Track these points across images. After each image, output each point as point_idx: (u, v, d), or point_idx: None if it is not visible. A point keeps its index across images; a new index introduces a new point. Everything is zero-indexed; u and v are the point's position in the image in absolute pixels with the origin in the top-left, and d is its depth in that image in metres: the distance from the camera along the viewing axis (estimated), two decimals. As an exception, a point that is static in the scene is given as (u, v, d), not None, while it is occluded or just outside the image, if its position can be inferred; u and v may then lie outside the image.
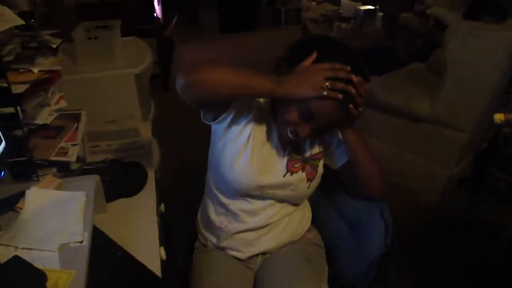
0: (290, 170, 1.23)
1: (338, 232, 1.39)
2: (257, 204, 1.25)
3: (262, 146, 1.21)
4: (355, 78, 1.03)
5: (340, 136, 1.21)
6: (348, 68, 1.03)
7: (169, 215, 1.65)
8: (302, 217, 1.36)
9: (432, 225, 2.50)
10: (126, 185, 1.37)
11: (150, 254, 1.14)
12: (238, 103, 1.17)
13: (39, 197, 1.11)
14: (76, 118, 1.51)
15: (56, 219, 1.05)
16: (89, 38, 1.88)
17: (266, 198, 1.25)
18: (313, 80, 1.02)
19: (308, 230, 1.40)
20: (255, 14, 6.23)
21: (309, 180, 1.25)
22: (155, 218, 1.26)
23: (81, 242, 0.99)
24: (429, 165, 2.57)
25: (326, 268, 1.34)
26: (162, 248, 1.22)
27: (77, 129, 1.45)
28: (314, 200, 1.42)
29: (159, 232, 1.23)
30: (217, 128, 1.23)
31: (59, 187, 1.17)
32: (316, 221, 1.44)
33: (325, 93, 1.01)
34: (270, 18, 6.50)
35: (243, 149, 1.19)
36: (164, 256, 1.22)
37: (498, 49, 2.13)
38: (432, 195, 2.62)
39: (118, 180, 1.38)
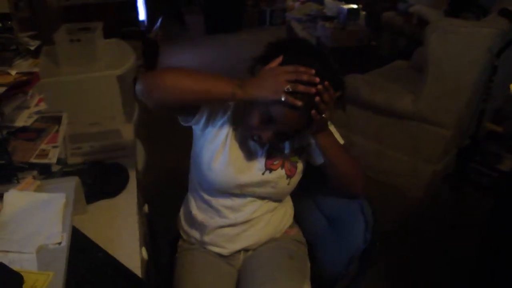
0: (269, 167, 1.23)
1: (319, 228, 1.40)
2: (238, 200, 1.26)
3: (240, 146, 1.21)
4: (319, 82, 1.00)
5: None
6: (313, 71, 1.01)
7: (154, 216, 1.65)
8: (284, 213, 1.37)
9: (417, 221, 2.52)
10: (107, 186, 1.36)
11: (131, 254, 1.14)
12: (210, 104, 1.17)
13: (18, 200, 1.09)
14: (57, 120, 1.49)
15: (35, 221, 1.04)
16: (71, 40, 1.87)
17: (246, 195, 1.25)
18: (273, 83, 1.00)
19: (290, 227, 1.41)
20: (240, 15, 6.26)
21: (289, 177, 1.26)
22: (136, 219, 1.26)
23: (59, 243, 0.98)
24: (413, 162, 2.60)
25: (309, 265, 1.35)
26: (144, 248, 1.22)
27: (58, 131, 1.44)
28: (296, 197, 1.43)
29: (140, 232, 1.22)
30: (195, 128, 1.23)
31: (38, 189, 1.16)
32: (297, 218, 1.44)
33: (283, 98, 0.99)
34: (255, 19, 6.53)
35: (221, 149, 1.19)
36: (146, 257, 1.22)
37: (478, 45, 2.16)
38: (417, 191, 2.65)
39: (99, 182, 1.37)
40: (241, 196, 1.25)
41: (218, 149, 1.19)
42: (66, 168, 1.43)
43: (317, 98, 1.02)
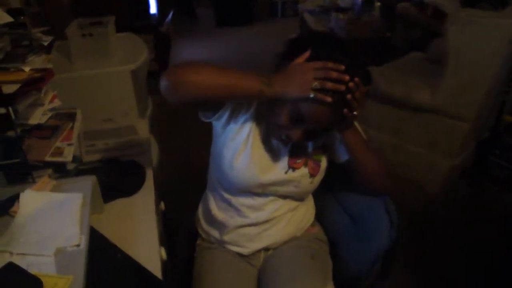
0: (292, 166, 1.19)
1: (341, 227, 1.36)
2: (259, 199, 1.23)
3: (262, 144, 1.18)
4: (350, 80, 0.96)
5: None
6: (342, 67, 0.96)
7: (171, 213, 1.63)
8: (305, 212, 1.34)
9: (435, 216, 2.47)
10: (123, 185, 1.33)
11: (151, 255, 1.11)
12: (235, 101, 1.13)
13: (34, 200, 1.07)
14: (71, 117, 1.47)
15: (52, 222, 1.02)
16: (84, 35, 1.84)
17: (268, 194, 1.22)
18: (301, 80, 0.96)
19: (312, 225, 1.38)
20: (251, 7, 6.19)
21: (312, 175, 1.22)
22: (154, 218, 1.23)
23: (78, 245, 0.96)
24: (431, 156, 2.54)
25: (331, 264, 1.31)
26: (162, 248, 1.19)
27: (72, 128, 1.42)
28: (317, 195, 1.39)
29: (159, 232, 1.20)
30: (216, 125, 1.20)
31: (54, 189, 1.14)
32: (319, 216, 1.41)
33: (312, 95, 0.95)
34: (266, 11, 6.46)
35: (243, 147, 1.15)
36: (165, 257, 1.20)
37: (498, 36, 2.09)
38: (434, 186, 2.60)
39: (115, 180, 1.35)
40: (263, 195, 1.22)
41: (240, 147, 1.15)
42: (81, 166, 1.40)
43: (348, 96, 0.97)
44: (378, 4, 4.08)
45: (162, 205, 1.59)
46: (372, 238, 1.23)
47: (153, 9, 4.21)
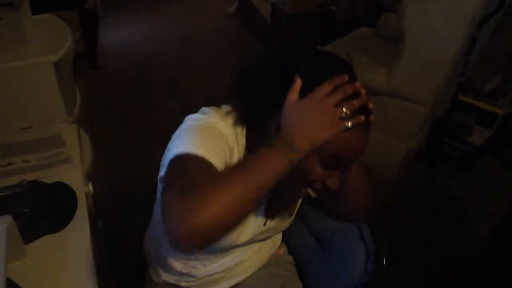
0: (270, 215, 1.00)
1: (309, 252, 1.19)
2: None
3: None
4: (359, 85, 0.78)
5: None
6: (346, 77, 0.77)
7: (109, 231, 1.40)
8: (274, 238, 1.15)
9: (393, 200, 2.39)
10: (49, 216, 1.08)
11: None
12: None
13: None
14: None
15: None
16: (-9, 21, 1.52)
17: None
18: (325, 118, 0.74)
19: (279, 246, 1.21)
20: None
21: (291, 214, 1.05)
22: (91, 260, 1.00)
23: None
24: (387, 140, 2.44)
25: None
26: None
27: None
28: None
29: (97, 272, 0.97)
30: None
31: (-45, 240, 0.87)
32: (283, 237, 1.24)
33: (349, 124, 0.75)
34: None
35: None
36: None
37: (459, 16, 1.97)
38: (391, 169, 2.51)
39: (40, 210, 1.09)
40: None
41: None
42: (-3, 193, 1.13)
43: (370, 105, 0.81)
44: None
45: (100, 222, 1.35)
46: (345, 271, 1.06)
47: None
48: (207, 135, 0.82)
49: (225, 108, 0.89)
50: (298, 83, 0.77)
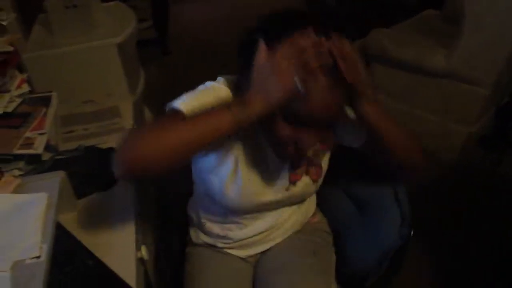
0: (293, 180, 1.04)
1: (347, 216, 1.22)
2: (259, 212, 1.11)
3: (255, 168, 1.00)
4: (328, 39, 0.73)
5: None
6: (311, 32, 0.73)
7: (164, 198, 1.51)
8: (308, 203, 1.20)
9: (452, 186, 2.31)
10: (101, 177, 1.21)
11: (126, 258, 1.00)
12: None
13: (-9, 205, 0.96)
14: (46, 101, 1.34)
15: (11, 230, 0.90)
16: (67, 7, 1.68)
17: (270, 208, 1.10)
18: (277, 79, 0.72)
19: (313, 215, 1.24)
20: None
21: (315, 181, 1.07)
22: (133, 215, 1.11)
23: (38, 257, 0.85)
24: (445, 123, 2.37)
25: (334, 259, 1.18)
26: (144, 247, 1.08)
27: (45, 115, 1.29)
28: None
29: (136, 232, 1.08)
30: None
31: (18, 189, 1.02)
32: (320, 203, 1.27)
33: (300, 87, 0.71)
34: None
35: (232, 175, 0.99)
36: (146, 257, 1.08)
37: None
38: (450, 154, 2.43)
39: (92, 171, 1.22)
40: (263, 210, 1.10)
41: (228, 176, 0.98)
42: (58, 156, 1.29)
43: (341, 63, 0.73)
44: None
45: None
46: (380, 234, 1.08)
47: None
48: (201, 96, 0.88)
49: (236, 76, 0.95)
50: (262, 47, 0.76)
